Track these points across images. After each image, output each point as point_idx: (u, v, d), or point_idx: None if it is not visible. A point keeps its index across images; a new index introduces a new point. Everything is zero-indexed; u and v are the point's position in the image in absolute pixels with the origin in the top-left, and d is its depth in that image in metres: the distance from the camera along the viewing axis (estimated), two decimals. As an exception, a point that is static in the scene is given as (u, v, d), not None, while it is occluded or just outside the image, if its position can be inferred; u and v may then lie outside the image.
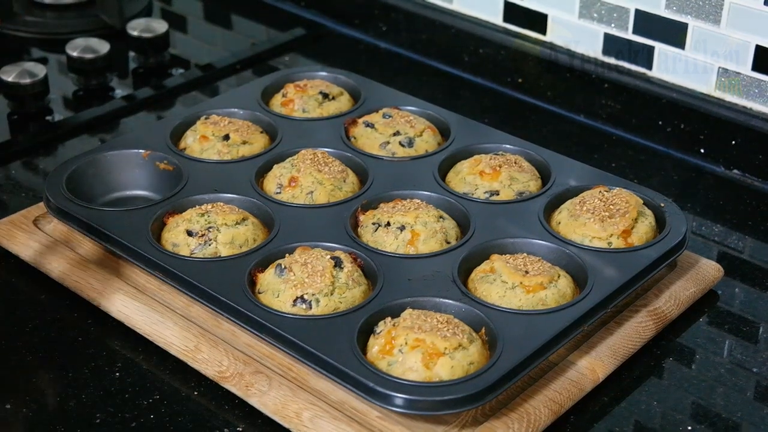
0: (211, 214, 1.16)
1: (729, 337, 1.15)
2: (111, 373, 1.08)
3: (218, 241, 1.14)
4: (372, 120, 1.35)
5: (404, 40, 1.71)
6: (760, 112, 1.39)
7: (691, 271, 1.19)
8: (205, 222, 1.15)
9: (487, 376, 0.97)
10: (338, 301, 1.07)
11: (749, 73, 1.39)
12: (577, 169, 1.28)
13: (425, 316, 1.02)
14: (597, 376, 1.05)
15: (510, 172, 1.25)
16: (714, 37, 1.40)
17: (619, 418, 1.04)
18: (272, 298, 1.07)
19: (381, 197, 1.21)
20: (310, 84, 1.43)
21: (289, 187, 1.23)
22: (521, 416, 0.99)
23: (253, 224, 1.17)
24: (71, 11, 1.77)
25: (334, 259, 1.10)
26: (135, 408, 1.04)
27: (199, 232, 1.14)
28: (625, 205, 1.17)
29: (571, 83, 1.54)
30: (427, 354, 0.99)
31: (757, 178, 1.40)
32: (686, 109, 1.44)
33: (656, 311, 1.13)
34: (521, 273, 1.09)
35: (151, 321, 1.11)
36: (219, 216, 1.16)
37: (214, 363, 1.06)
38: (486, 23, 1.62)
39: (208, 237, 1.14)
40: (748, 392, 1.08)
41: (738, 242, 1.31)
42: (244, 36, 1.81)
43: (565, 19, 1.54)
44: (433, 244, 1.15)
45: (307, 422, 0.99)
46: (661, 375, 1.10)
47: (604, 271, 1.11)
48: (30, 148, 1.45)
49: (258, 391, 1.03)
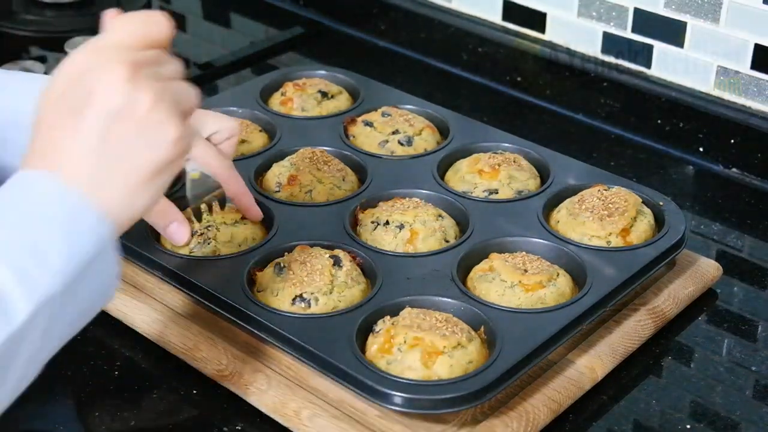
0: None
1: (728, 336, 1.15)
2: (110, 372, 1.07)
3: (217, 240, 1.14)
4: (371, 119, 1.35)
5: (403, 39, 1.71)
6: (759, 111, 1.39)
7: (690, 269, 1.19)
8: (204, 221, 1.15)
9: (486, 375, 0.97)
10: (337, 300, 1.07)
11: (748, 72, 1.39)
12: (576, 167, 1.28)
13: (424, 315, 1.02)
14: (596, 374, 1.05)
15: (509, 171, 1.25)
16: (713, 36, 1.40)
17: (618, 417, 1.04)
18: (271, 296, 1.07)
19: (380, 196, 1.21)
20: (308, 83, 1.43)
21: (288, 186, 1.23)
22: (520, 415, 0.99)
23: (252, 223, 1.17)
24: (70, 10, 1.76)
25: (333, 257, 1.09)
26: (134, 407, 1.04)
27: (198, 230, 1.14)
28: (624, 204, 1.17)
29: (570, 82, 1.54)
30: (426, 353, 0.99)
31: (756, 177, 1.40)
32: (685, 107, 1.44)
33: (655, 310, 1.13)
34: (520, 272, 1.09)
35: (150, 320, 1.11)
36: (218, 215, 1.16)
37: (213, 362, 1.06)
38: (485, 22, 1.62)
39: (207, 236, 1.14)
40: (747, 391, 1.08)
41: (737, 241, 1.31)
42: (243, 35, 1.81)
43: (564, 17, 1.54)
44: (432, 242, 1.15)
45: (306, 421, 0.99)
46: (660, 374, 1.10)
47: (603, 269, 1.11)
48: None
49: (257, 390, 1.03)
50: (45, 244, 0.71)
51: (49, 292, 0.71)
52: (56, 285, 0.71)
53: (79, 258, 0.73)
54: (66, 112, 0.77)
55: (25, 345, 0.72)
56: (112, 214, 0.77)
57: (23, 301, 0.70)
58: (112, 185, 0.77)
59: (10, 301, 0.69)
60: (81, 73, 0.78)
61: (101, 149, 0.76)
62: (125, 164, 0.77)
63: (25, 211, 0.73)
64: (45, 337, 0.73)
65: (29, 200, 0.74)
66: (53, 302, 0.72)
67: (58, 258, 0.71)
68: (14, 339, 0.70)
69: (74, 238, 0.73)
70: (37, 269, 0.70)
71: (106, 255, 0.76)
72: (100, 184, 0.76)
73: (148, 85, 0.79)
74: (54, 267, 0.71)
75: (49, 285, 0.71)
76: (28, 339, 0.71)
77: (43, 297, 0.70)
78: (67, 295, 0.73)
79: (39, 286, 0.70)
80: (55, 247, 0.71)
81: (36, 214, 0.73)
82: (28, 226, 0.72)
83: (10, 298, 0.69)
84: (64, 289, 0.72)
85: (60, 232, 0.72)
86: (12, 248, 0.70)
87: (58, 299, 0.72)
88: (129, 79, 0.78)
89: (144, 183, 0.79)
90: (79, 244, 0.73)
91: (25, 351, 0.72)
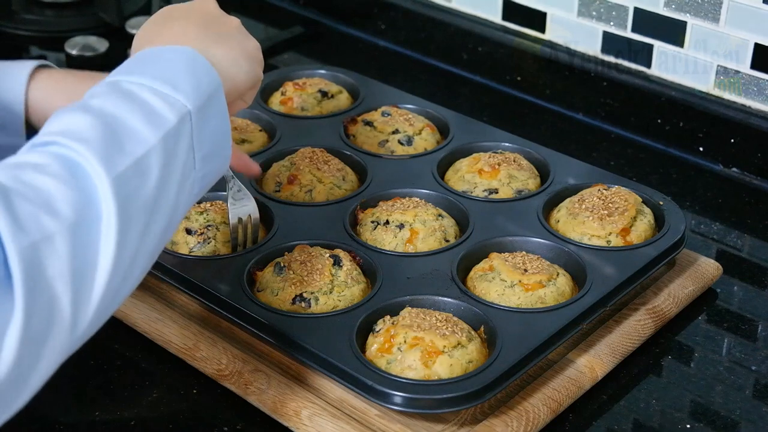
0: (210, 212, 1.16)
1: (728, 335, 1.15)
2: (110, 371, 1.08)
3: (217, 240, 1.14)
4: (371, 118, 1.35)
5: (403, 39, 1.71)
6: (759, 111, 1.39)
7: (689, 269, 1.19)
8: (204, 220, 1.15)
9: (486, 375, 0.97)
10: (337, 300, 1.07)
11: (748, 72, 1.39)
12: (576, 167, 1.28)
13: (424, 315, 1.02)
14: (596, 374, 1.06)
15: (509, 171, 1.25)
16: (713, 36, 1.40)
17: (618, 416, 1.04)
18: (271, 296, 1.07)
19: (380, 195, 1.21)
20: (309, 82, 1.43)
21: (288, 186, 1.23)
22: (520, 414, 0.99)
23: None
24: (70, 9, 1.76)
25: (333, 257, 1.10)
26: (134, 406, 1.04)
27: (198, 230, 1.14)
28: (623, 204, 1.17)
29: (570, 81, 1.54)
30: (426, 352, 0.99)
31: (756, 177, 1.40)
32: (685, 107, 1.44)
33: (655, 309, 1.13)
34: (520, 271, 1.09)
35: (149, 319, 1.11)
36: (218, 214, 1.16)
37: (213, 361, 1.06)
38: (485, 21, 1.62)
39: (207, 235, 1.14)
40: (747, 390, 1.08)
41: (737, 240, 1.31)
42: (243, 34, 1.80)
43: (564, 17, 1.54)
44: (432, 242, 1.15)
45: (305, 420, 0.99)
46: (659, 373, 1.10)
47: (602, 269, 1.11)
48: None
49: (257, 389, 1.03)
50: (176, 79, 0.87)
51: (185, 109, 0.85)
52: (189, 103, 0.86)
53: (201, 89, 0.87)
54: (170, 19, 0.96)
55: (180, 148, 0.85)
56: (218, 68, 0.91)
57: (170, 113, 0.84)
58: (216, 52, 0.93)
59: (160, 113, 0.84)
60: (174, 7, 0.98)
61: (204, 32, 0.94)
62: (224, 43, 0.95)
63: (158, 59, 0.89)
64: (191, 153, 0.86)
65: (159, 55, 0.90)
66: (191, 118, 0.86)
67: (188, 86, 0.86)
68: (172, 136, 0.83)
69: (196, 74, 0.88)
70: (174, 93, 0.85)
71: (219, 97, 0.89)
72: (206, 49, 0.92)
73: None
74: (185, 91, 0.86)
75: (184, 103, 0.85)
76: (181, 144, 0.85)
77: (182, 110, 0.85)
78: (199, 117, 0.86)
79: (177, 103, 0.85)
80: (184, 79, 0.87)
81: (166, 60, 0.89)
82: (163, 68, 0.88)
83: (161, 111, 0.84)
84: (195, 110, 0.86)
85: (185, 70, 0.88)
86: (154, 82, 0.85)
87: (194, 115, 0.86)
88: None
89: (240, 58, 0.95)
90: (198, 79, 0.88)
91: (180, 157, 0.85)
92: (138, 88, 0.85)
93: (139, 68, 0.88)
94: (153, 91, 0.85)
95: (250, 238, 1.15)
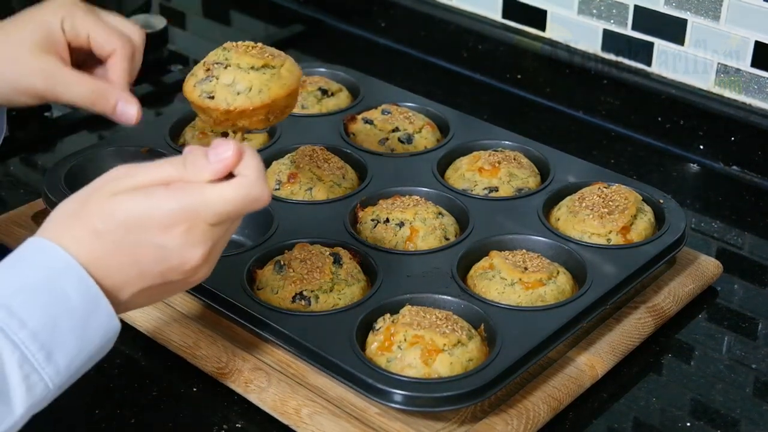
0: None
1: (728, 334, 1.15)
2: (110, 370, 1.07)
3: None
4: (371, 116, 1.35)
5: (403, 37, 1.71)
6: (760, 109, 1.39)
7: (690, 267, 1.19)
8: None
9: (486, 373, 0.97)
10: (337, 298, 1.07)
11: (749, 70, 1.39)
12: (576, 165, 1.28)
13: (424, 313, 1.02)
14: (596, 372, 1.05)
15: (509, 169, 1.25)
16: (713, 34, 1.40)
17: (618, 415, 1.04)
18: (271, 294, 1.07)
19: (380, 194, 1.21)
20: (308, 80, 1.43)
21: (288, 184, 1.23)
22: (520, 412, 0.99)
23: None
24: (70, 7, 1.76)
25: (333, 255, 1.09)
26: (134, 405, 1.04)
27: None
28: (624, 202, 1.17)
29: (571, 79, 1.54)
30: (426, 350, 0.99)
31: (757, 175, 1.40)
32: (685, 105, 1.44)
33: (655, 308, 1.13)
34: (520, 269, 1.09)
35: (150, 318, 1.11)
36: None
37: (213, 359, 1.06)
38: (485, 19, 1.62)
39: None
40: (747, 388, 1.08)
41: (737, 239, 1.31)
42: (243, 32, 1.80)
43: (564, 15, 1.54)
44: (432, 240, 1.15)
45: (306, 418, 0.99)
46: (660, 371, 1.10)
47: (603, 267, 1.11)
48: (29, 145, 1.45)
49: (257, 388, 1.03)
50: (57, 341, 0.75)
51: (45, 391, 0.77)
52: (53, 382, 0.77)
53: (80, 358, 0.79)
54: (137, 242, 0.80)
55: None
56: (126, 306, 0.82)
57: (19, 405, 0.76)
58: (140, 301, 0.83)
59: (10, 402, 0.74)
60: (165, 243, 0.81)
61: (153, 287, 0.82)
62: (161, 294, 0.84)
63: (59, 298, 0.77)
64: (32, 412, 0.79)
65: (63, 292, 0.77)
66: (48, 390, 0.78)
67: (65, 358, 0.77)
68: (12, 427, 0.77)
69: (86, 334, 0.78)
70: (42, 368, 0.76)
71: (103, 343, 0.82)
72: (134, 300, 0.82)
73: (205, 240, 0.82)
74: (57, 367, 0.77)
75: (48, 382, 0.77)
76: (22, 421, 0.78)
77: (39, 394, 0.77)
78: (59, 385, 0.79)
79: (39, 384, 0.76)
80: (69, 343, 0.77)
81: (64, 302, 0.76)
82: (54, 315, 0.76)
83: (12, 400, 0.75)
84: (56, 388, 0.79)
85: (81, 327, 0.77)
86: (32, 342, 0.75)
87: (53, 388, 0.78)
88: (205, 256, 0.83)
89: (160, 298, 0.86)
90: (86, 342, 0.78)
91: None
92: (9, 350, 0.74)
93: (27, 308, 0.75)
94: (22, 360, 0.74)
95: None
